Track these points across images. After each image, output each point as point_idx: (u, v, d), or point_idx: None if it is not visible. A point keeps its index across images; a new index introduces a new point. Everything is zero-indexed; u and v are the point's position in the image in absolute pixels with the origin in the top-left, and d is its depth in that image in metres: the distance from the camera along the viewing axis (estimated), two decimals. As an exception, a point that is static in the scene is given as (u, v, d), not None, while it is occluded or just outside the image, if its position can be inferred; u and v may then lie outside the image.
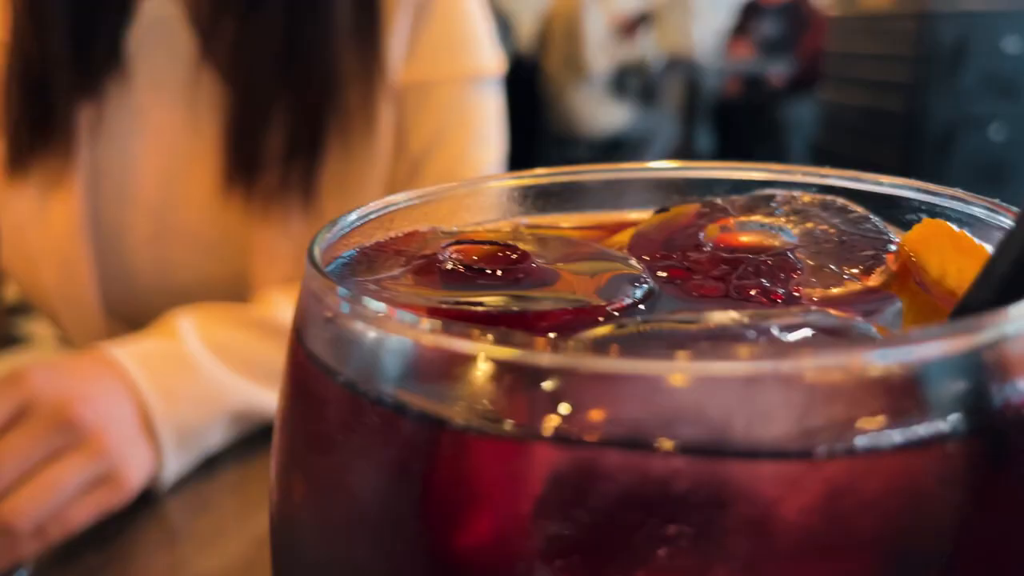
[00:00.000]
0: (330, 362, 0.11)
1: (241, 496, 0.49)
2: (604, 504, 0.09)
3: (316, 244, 0.14)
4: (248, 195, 0.63)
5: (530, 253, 0.14)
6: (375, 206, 0.16)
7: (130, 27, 0.63)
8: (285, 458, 0.13)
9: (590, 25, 4.01)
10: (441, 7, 0.68)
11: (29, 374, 0.43)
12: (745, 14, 5.01)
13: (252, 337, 0.55)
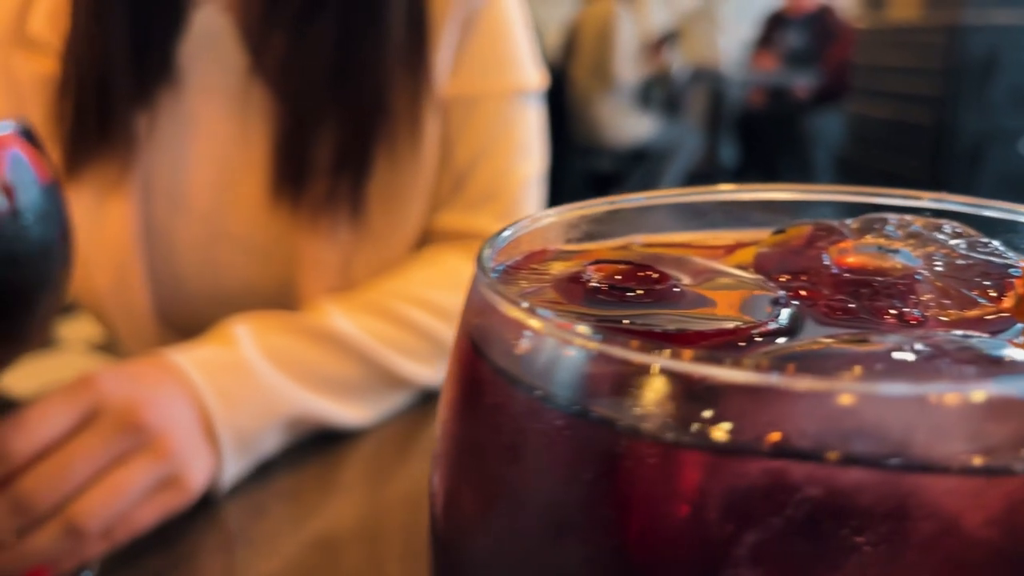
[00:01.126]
0: (527, 379, 0.12)
1: (296, 502, 0.50)
2: (791, 515, 0.10)
3: (485, 260, 0.15)
4: (296, 204, 0.64)
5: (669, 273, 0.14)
6: (525, 223, 0.17)
7: (182, 38, 0.64)
8: (460, 472, 0.14)
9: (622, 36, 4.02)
10: (486, 23, 0.68)
11: (98, 378, 0.44)
12: (770, 25, 5.00)
13: (306, 345, 0.55)
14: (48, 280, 0.38)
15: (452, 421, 0.14)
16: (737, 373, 0.10)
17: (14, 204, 0.36)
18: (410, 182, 0.67)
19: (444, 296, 0.63)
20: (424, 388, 0.62)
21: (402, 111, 0.65)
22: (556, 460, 0.11)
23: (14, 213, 0.36)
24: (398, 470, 0.54)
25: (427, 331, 0.61)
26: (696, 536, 0.10)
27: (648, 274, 0.14)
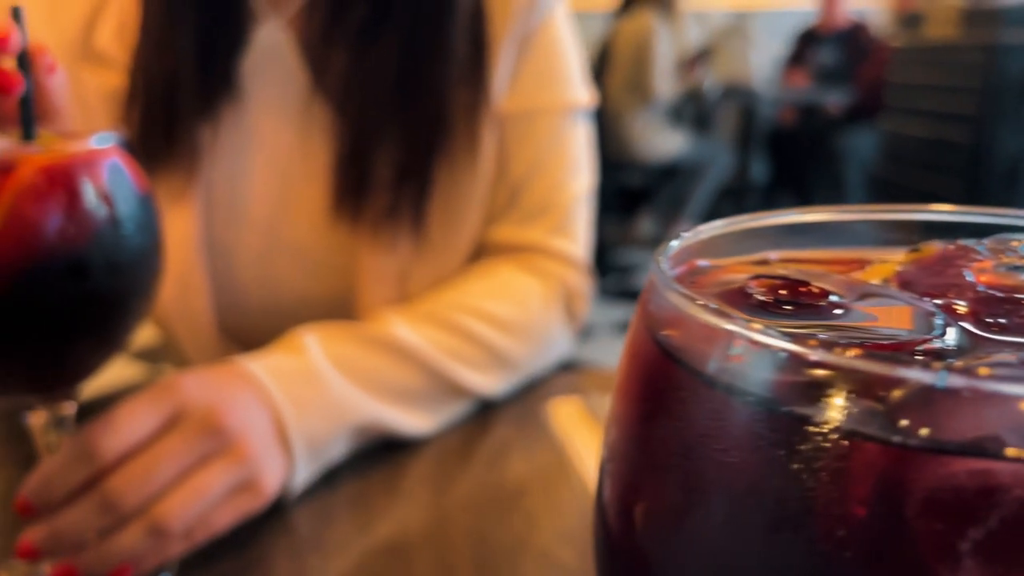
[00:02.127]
0: (742, 386, 0.12)
1: (363, 508, 0.51)
2: (997, 513, 0.11)
3: (660, 269, 0.15)
4: (357, 217, 0.65)
5: (828, 288, 0.15)
6: (689, 236, 0.18)
7: (244, 53, 0.65)
8: (659, 479, 0.14)
9: (659, 52, 4.03)
10: (541, 41, 0.70)
11: (181, 382, 0.46)
12: (802, 43, 4.98)
13: (372, 354, 0.56)
14: (143, 287, 0.39)
15: (644, 431, 0.15)
16: (955, 379, 0.11)
17: (114, 213, 0.37)
18: (467, 195, 0.68)
19: (501, 308, 0.64)
20: (483, 398, 0.63)
21: (461, 126, 0.66)
22: (775, 463, 0.12)
23: (114, 222, 0.37)
24: (460, 477, 0.55)
25: (486, 342, 0.62)
26: (910, 535, 0.11)
27: (810, 289, 0.15)
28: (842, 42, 4.80)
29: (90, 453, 0.41)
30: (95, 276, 0.36)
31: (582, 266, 0.72)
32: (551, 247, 0.70)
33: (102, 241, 0.37)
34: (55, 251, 0.35)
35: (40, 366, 0.39)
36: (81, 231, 0.36)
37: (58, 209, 0.35)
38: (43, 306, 0.36)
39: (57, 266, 0.36)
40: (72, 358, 0.39)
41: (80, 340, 0.38)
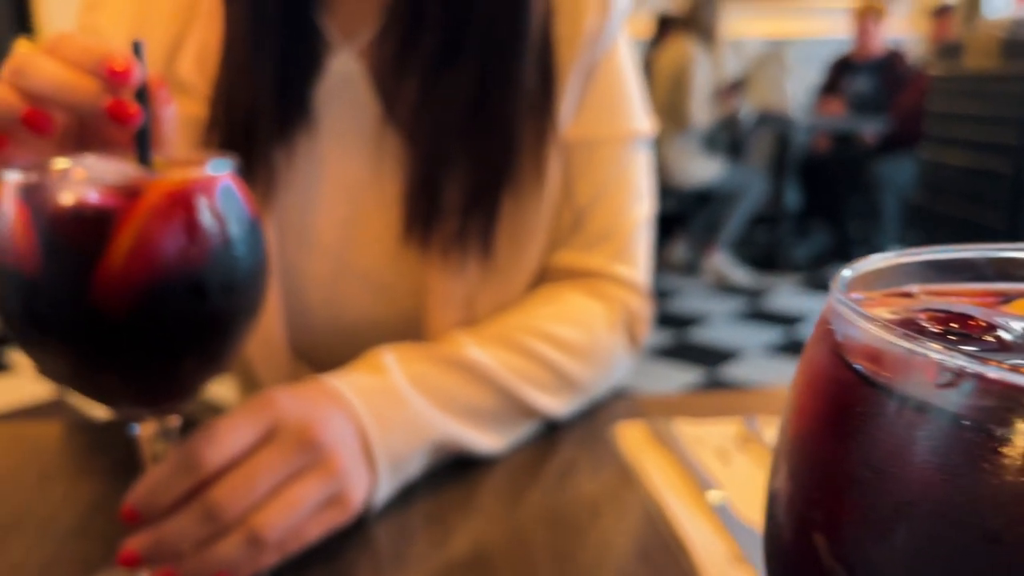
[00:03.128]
0: (951, 410, 0.14)
1: (439, 524, 0.52)
2: None
3: (848, 301, 0.17)
4: (426, 243, 0.67)
5: (994, 322, 0.16)
6: (858, 268, 0.19)
7: (319, 82, 0.67)
8: (859, 502, 0.15)
9: (698, 79, 4.05)
10: (606, 71, 0.71)
11: (276, 398, 0.47)
12: (837, 71, 4.97)
13: (447, 374, 0.58)
14: (252, 307, 0.41)
15: (842, 454, 0.16)
16: None
17: (230, 235, 0.39)
18: (533, 221, 0.69)
19: (568, 332, 0.65)
20: (550, 419, 0.64)
21: (529, 154, 0.68)
22: (982, 480, 0.13)
23: (229, 244, 0.39)
24: (532, 495, 0.56)
25: (554, 365, 0.63)
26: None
27: (978, 322, 0.16)
28: (878, 70, 4.79)
29: (194, 464, 0.43)
30: (212, 296, 0.38)
31: (643, 291, 0.73)
32: (613, 273, 0.71)
33: (219, 262, 0.39)
34: (177, 272, 0.37)
35: (154, 382, 0.41)
36: (201, 252, 0.38)
37: (181, 232, 0.37)
38: (163, 324, 0.38)
39: (178, 286, 0.38)
40: (184, 374, 0.41)
41: (193, 357, 0.40)
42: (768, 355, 3.34)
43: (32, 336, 0.39)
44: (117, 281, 0.37)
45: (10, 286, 0.38)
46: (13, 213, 0.38)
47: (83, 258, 0.37)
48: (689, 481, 0.56)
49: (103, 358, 0.39)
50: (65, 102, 0.39)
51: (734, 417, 0.65)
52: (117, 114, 0.39)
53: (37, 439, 0.66)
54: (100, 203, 0.37)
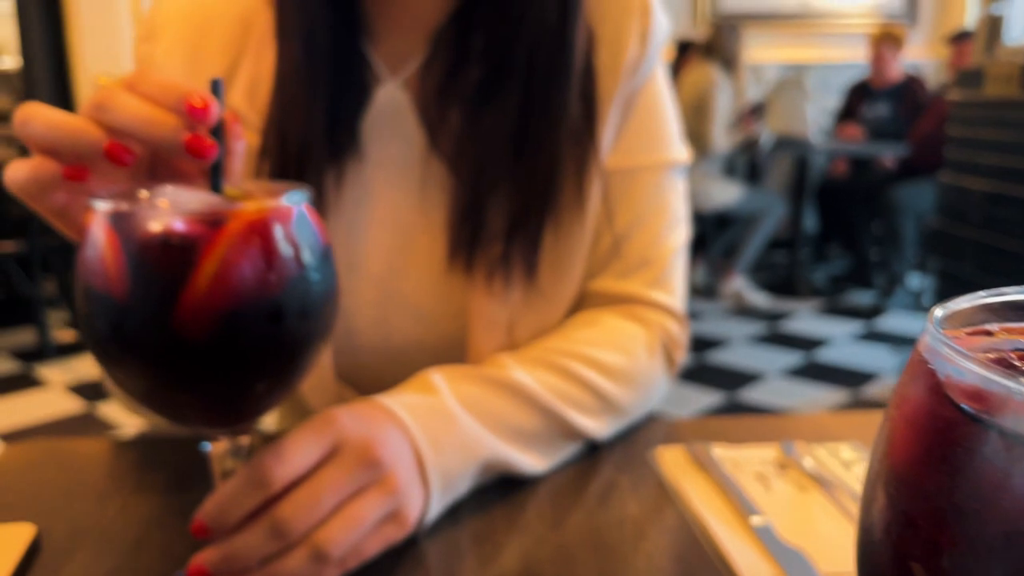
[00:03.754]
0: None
1: (487, 543, 0.53)
2: None
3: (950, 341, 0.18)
4: (470, 268, 0.68)
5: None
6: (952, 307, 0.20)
7: (366, 111, 0.69)
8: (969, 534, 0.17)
9: (720, 104, 4.08)
10: (645, 100, 0.73)
11: (338, 417, 0.49)
12: (854, 96, 4.98)
13: (494, 395, 0.59)
14: (325, 331, 0.43)
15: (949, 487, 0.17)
16: None
17: (305, 263, 0.41)
18: (574, 247, 0.71)
19: (610, 356, 0.67)
20: (592, 440, 0.65)
21: (570, 182, 0.69)
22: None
23: (304, 271, 0.41)
24: (576, 516, 0.57)
25: (596, 388, 0.65)
26: None
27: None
28: (895, 96, 4.80)
29: (263, 481, 0.44)
30: (288, 320, 0.40)
31: (680, 316, 0.75)
32: (652, 298, 0.73)
33: (295, 288, 0.40)
34: (257, 297, 0.39)
35: (228, 402, 0.42)
36: (279, 279, 0.40)
37: (261, 259, 0.39)
38: (241, 348, 0.40)
39: (257, 311, 0.39)
40: (256, 396, 0.42)
41: (266, 380, 0.42)
42: (788, 378, 3.33)
43: (115, 356, 0.41)
44: (200, 306, 0.38)
45: (98, 309, 0.40)
46: (103, 240, 0.39)
47: (169, 284, 0.38)
48: (731, 505, 0.57)
49: (182, 379, 0.41)
50: (146, 136, 0.41)
51: (771, 443, 0.66)
52: (195, 149, 0.41)
53: (89, 456, 0.68)
54: (186, 231, 0.39)
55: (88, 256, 0.40)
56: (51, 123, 0.41)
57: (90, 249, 0.40)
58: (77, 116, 0.42)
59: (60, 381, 3.42)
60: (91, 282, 0.40)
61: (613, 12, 0.71)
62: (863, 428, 0.69)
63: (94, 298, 0.40)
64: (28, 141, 0.42)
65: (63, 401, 3.20)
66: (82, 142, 0.41)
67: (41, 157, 0.42)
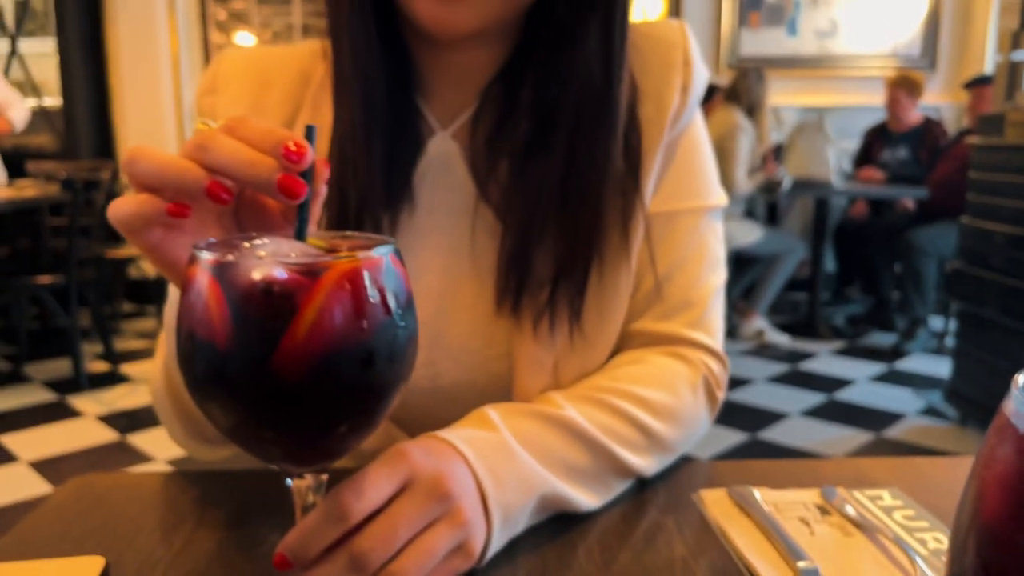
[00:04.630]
0: None
1: (545, 579, 0.55)
2: None
3: (1021, 397, 0.21)
4: (516, 312, 0.70)
5: None
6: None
7: (419, 161, 0.72)
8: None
9: (741, 147, 4.13)
10: (685, 147, 0.76)
11: (409, 452, 0.51)
12: (873, 139, 5.01)
13: (548, 431, 0.61)
14: (408, 373, 0.45)
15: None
16: None
17: (393, 309, 0.44)
18: (618, 292, 0.73)
19: (654, 393, 0.69)
20: (641, 477, 0.67)
21: (615, 230, 0.71)
22: None
23: (392, 317, 0.44)
24: (624, 556, 0.58)
25: (643, 425, 0.66)
26: None
27: None
28: (914, 140, 4.82)
29: (342, 515, 0.46)
30: (378, 364, 0.43)
31: (721, 355, 0.77)
32: (693, 339, 0.74)
33: (384, 333, 0.43)
34: (351, 342, 0.42)
35: (314, 441, 0.44)
36: (370, 325, 0.42)
37: (354, 306, 0.42)
38: (333, 391, 0.42)
39: (351, 356, 0.42)
40: (341, 436, 0.44)
41: (353, 420, 0.44)
42: (811, 419, 3.32)
43: (213, 395, 0.43)
44: (299, 352, 0.41)
45: (201, 353, 0.42)
46: (207, 289, 0.42)
47: (270, 331, 0.41)
48: (777, 548, 0.58)
49: (275, 419, 0.43)
50: (243, 175, 0.43)
51: (811, 488, 0.67)
52: (288, 189, 0.43)
53: (154, 488, 0.70)
54: (286, 282, 0.41)
55: (192, 304, 0.42)
56: (157, 162, 0.44)
57: (194, 297, 0.42)
58: (180, 157, 0.44)
59: (93, 411, 3.47)
60: (194, 329, 0.42)
61: (656, 67, 0.74)
62: (901, 474, 0.70)
63: (197, 343, 0.42)
64: (134, 179, 0.44)
65: (96, 431, 3.24)
66: (186, 180, 0.43)
67: (146, 194, 0.45)
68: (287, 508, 0.49)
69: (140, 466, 2.90)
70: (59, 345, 4.23)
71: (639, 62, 0.73)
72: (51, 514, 0.64)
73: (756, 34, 5.44)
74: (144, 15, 5.25)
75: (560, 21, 0.68)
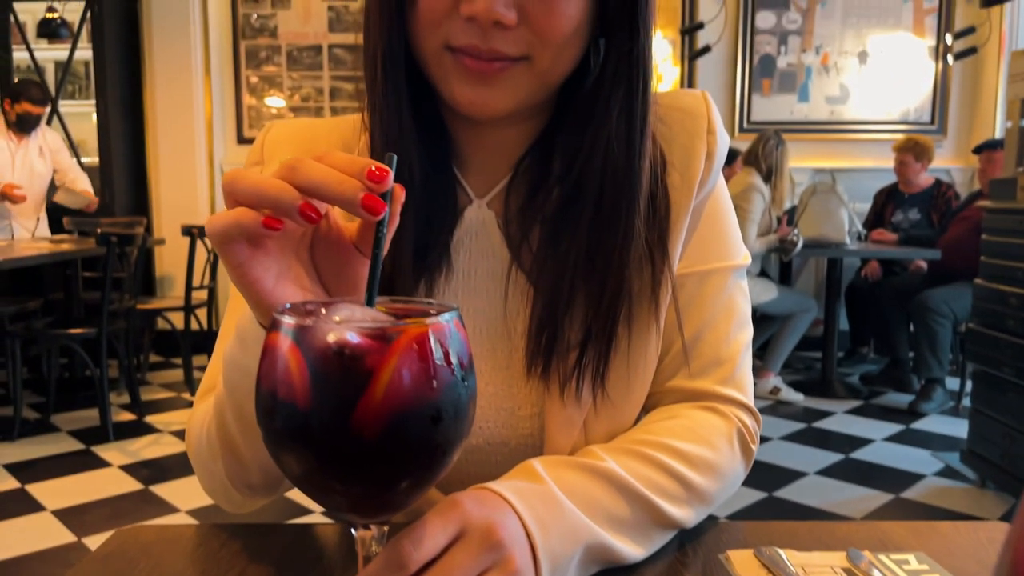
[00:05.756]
0: None
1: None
2: None
3: None
4: (547, 374, 0.72)
5: None
6: None
7: (457, 228, 0.75)
8: None
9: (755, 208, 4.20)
10: (709, 212, 0.78)
11: (462, 502, 0.53)
12: (883, 201, 5.06)
13: (591, 483, 0.63)
14: (469, 430, 0.49)
15: None
16: None
17: (457, 370, 0.47)
18: (646, 354, 0.75)
19: (692, 446, 0.70)
20: (680, 528, 0.68)
21: (643, 295, 0.73)
22: None
23: (456, 376, 0.47)
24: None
25: (682, 477, 0.68)
26: None
27: None
28: (925, 201, 4.87)
29: (401, 564, 0.49)
30: (445, 421, 0.46)
31: (753, 410, 0.78)
32: (725, 395, 0.76)
33: (450, 392, 0.46)
34: (422, 401, 0.45)
35: (381, 494, 0.47)
36: (438, 385, 0.46)
37: (425, 368, 0.46)
38: (405, 447, 0.45)
39: (422, 414, 0.45)
40: (406, 490, 0.47)
41: (418, 475, 0.47)
42: (828, 478, 3.32)
43: (289, 449, 0.47)
44: (375, 411, 0.44)
45: (281, 411, 0.46)
46: (287, 352, 0.45)
47: (348, 392, 0.44)
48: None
49: (346, 473, 0.46)
50: (332, 193, 0.47)
51: (837, 551, 0.66)
52: (370, 206, 0.46)
53: (198, 541, 0.70)
54: (361, 345, 0.45)
55: (274, 365, 0.46)
56: (256, 182, 0.48)
57: (276, 359, 0.46)
58: (275, 178, 0.48)
59: (118, 461, 3.51)
60: (276, 388, 0.46)
61: (682, 137, 0.77)
62: (924, 537, 0.70)
63: (279, 402, 0.46)
64: (234, 196, 0.48)
65: (120, 481, 3.29)
66: (283, 199, 0.47)
67: (244, 208, 0.48)
68: (325, 562, 0.50)
69: (164, 517, 2.92)
70: (86, 395, 4.31)
71: (666, 133, 0.76)
72: (98, 564, 0.65)
73: (769, 100, 5.57)
74: (181, 78, 5.45)
75: (586, 98, 0.71)
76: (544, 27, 0.65)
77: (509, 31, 0.64)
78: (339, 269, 0.53)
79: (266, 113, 5.64)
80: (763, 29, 5.53)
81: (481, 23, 0.63)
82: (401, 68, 0.69)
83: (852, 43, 5.52)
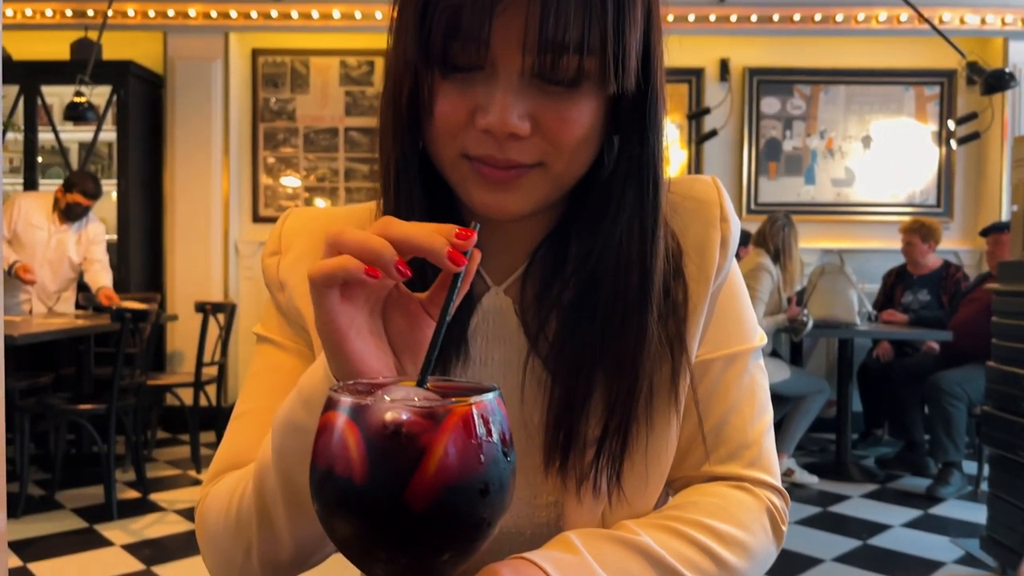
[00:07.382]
0: None
1: None
2: None
3: None
4: (563, 470, 0.72)
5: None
6: None
7: (474, 315, 0.76)
8: None
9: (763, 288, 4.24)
10: (725, 297, 0.79)
11: (500, 570, 0.55)
12: (893, 282, 5.10)
13: (625, 556, 0.64)
14: (509, 502, 0.51)
15: None
16: None
17: (500, 444, 0.50)
18: (667, 443, 0.74)
19: (724, 526, 0.70)
20: None
21: (662, 386, 0.73)
22: None
23: (500, 450, 0.50)
24: None
25: (714, 554, 0.68)
26: None
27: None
28: (934, 282, 4.90)
29: None
30: (491, 493, 0.48)
31: (781, 490, 0.78)
32: (753, 478, 0.77)
33: (495, 466, 0.48)
34: (471, 475, 0.47)
35: (423, 564, 0.49)
36: (485, 459, 0.48)
37: (472, 443, 0.48)
38: (454, 518, 0.47)
39: (470, 487, 0.47)
40: (447, 561, 0.49)
41: (464, 544, 0.49)
42: (845, 566, 3.25)
43: (342, 518, 0.48)
44: (428, 485, 0.46)
45: (336, 485, 0.48)
46: (344, 429, 0.48)
47: (402, 467, 0.46)
48: None
49: (394, 542, 0.48)
50: (423, 243, 0.52)
51: None
52: (454, 258, 0.52)
53: None
54: (415, 423, 0.47)
55: (330, 442, 0.48)
56: (362, 237, 0.53)
57: (333, 436, 0.48)
58: (376, 235, 0.53)
59: (121, 540, 3.47)
60: (333, 464, 0.48)
61: (696, 226, 0.78)
62: None
63: (335, 477, 0.48)
64: (341, 247, 0.53)
65: (123, 561, 3.24)
66: (384, 254, 0.52)
67: (348, 256, 0.53)
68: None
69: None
70: (92, 472, 4.28)
71: (680, 224, 0.77)
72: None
73: (775, 182, 5.68)
74: (200, 158, 5.61)
75: (599, 195, 0.73)
76: (557, 136, 0.66)
77: (524, 140, 0.66)
78: (406, 331, 0.58)
79: (282, 193, 5.77)
80: (768, 114, 5.68)
81: (496, 135, 0.65)
82: (416, 176, 0.71)
83: (856, 128, 5.66)
